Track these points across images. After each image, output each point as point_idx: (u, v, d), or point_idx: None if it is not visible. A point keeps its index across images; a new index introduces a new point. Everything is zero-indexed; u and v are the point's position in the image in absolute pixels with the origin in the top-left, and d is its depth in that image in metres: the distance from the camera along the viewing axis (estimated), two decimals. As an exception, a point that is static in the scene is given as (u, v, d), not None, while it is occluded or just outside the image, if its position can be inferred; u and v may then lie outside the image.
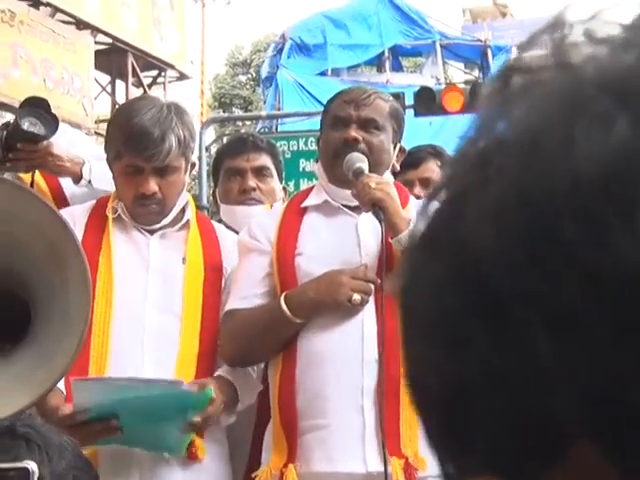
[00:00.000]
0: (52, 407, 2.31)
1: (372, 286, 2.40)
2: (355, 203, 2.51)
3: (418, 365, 0.44)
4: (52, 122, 2.80)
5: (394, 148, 2.64)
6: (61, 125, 2.87)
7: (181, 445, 2.39)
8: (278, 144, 10.34)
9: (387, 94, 2.71)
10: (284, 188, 3.52)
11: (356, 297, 2.37)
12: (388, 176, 2.61)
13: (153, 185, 2.60)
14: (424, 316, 0.44)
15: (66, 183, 2.99)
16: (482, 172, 0.40)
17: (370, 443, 2.32)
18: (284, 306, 2.39)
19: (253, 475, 2.45)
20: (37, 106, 2.80)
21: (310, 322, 2.41)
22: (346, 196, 2.53)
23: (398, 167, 2.69)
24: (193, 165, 2.78)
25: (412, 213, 2.50)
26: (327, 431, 2.35)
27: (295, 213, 2.59)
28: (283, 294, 2.42)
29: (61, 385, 2.35)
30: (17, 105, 3.31)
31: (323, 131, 2.65)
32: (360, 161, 2.48)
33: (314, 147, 8.79)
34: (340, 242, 2.50)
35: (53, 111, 2.84)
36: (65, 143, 2.89)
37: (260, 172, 3.39)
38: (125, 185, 2.64)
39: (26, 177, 2.95)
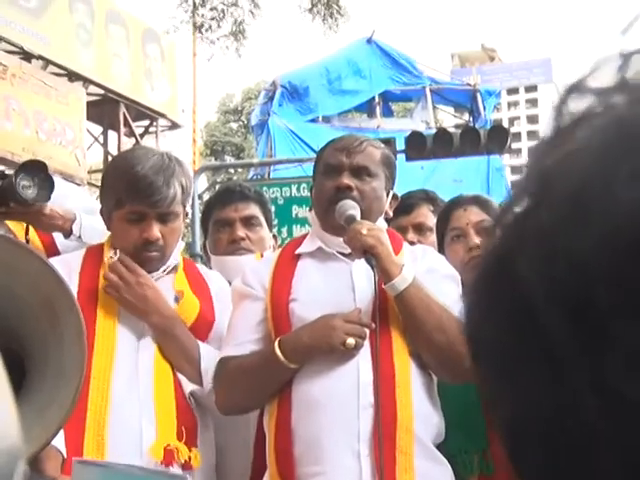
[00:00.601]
0: (49, 477, 2.28)
1: (366, 330, 2.40)
2: (349, 250, 2.51)
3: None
4: (47, 188, 2.84)
5: (387, 195, 2.65)
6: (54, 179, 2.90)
7: None
8: (271, 191, 10.42)
9: (378, 142, 2.72)
10: (274, 236, 3.52)
11: (350, 341, 2.36)
12: (381, 223, 2.62)
13: (157, 231, 2.63)
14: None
15: (58, 235, 3.02)
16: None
17: None
18: (278, 352, 2.38)
19: None
20: (36, 169, 2.84)
21: (305, 368, 2.40)
22: (340, 243, 2.54)
23: (391, 214, 2.70)
24: (186, 214, 2.79)
25: (405, 259, 2.52)
26: (324, 478, 2.32)
27: (289, 259, 2.60)
28: (277, 340, 2.41)
29: (59, 444, 2.33)
30: (9, 157, 3.36)
31: (316, 179, 2.66)
32: (352, 208, 2.49)
33: (307, 193, 8.83)
34: (334, 287, 2.50)
35: (46, 162, 2.89)
36: (58, 196, 2.91)
37: (249, 221, 3.40)
38: (127, 232, 2.65)
39: (19, 231, 2.97)
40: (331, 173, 2.57)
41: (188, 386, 2.59)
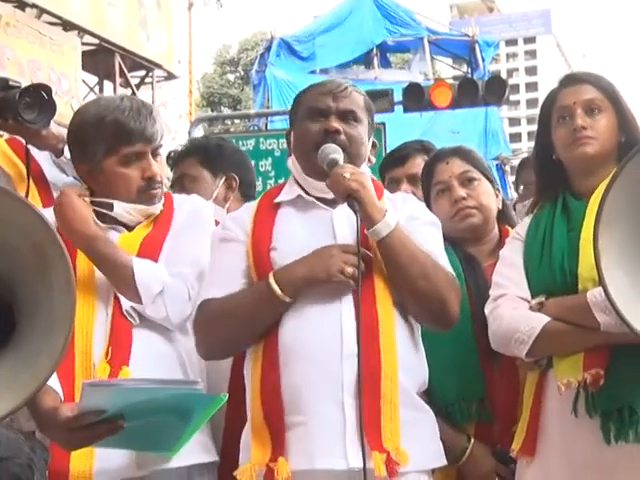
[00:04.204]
0: (49, 409, 2.24)
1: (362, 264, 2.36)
2: (331, 196, 2.49)
3: None
4: (48, 112, 2.89)
5: (369, 141, 2.61)
6: None
7: (177, 447, 2.35)
8: (268, 142, 10.37)
9: (358, 87, 2.67)
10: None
11: (348, 269, 2.33)
12: (365, 169, 2.58)
13: (157, 167, 2.64)
14: None
15: (50, 171, 3.10)
16: None
17: (351, 439, 2.27)
18: (274, 284, 2.35)
19: (234, 473, 2.39)
20: (40, 93, 2.89)
21: (289, 315, 2.37)
22: (323, 188, 2.50)
23: (373, 160, 2.65)
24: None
25: (387, 206, 2.47)
26: (306, 428, 2.30)
27: (269, 208, 2.55)
28: (272, 272, 2.38)
29: (55, 385, 2.31)
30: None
31: (297, 124, 2.61)
32: (335, 152, 2.45)
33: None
34: (315, 236, 2.46)
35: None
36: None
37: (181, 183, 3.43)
38: (127, 176, 2.62)
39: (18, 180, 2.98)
40: (317, 116, 2.52)
41: (126, 303, 2.55)
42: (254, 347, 2.41)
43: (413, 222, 2.50)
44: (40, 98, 2.89)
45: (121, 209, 2.64)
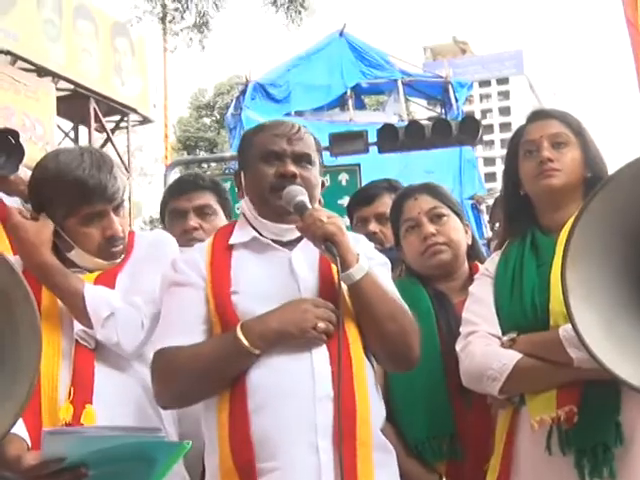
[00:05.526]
0: (12, 457, 2.20)
1: (334, 316, 2.34)
2: (287, 238, 2.47)
3: None
4: (17, 157, 2.90)
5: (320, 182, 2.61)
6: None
7: None
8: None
9: (308, 128, 2.66)
10: None
11: (321, 325, 2.31)
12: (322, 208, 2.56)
13: (118, 224, 2.61)
14: None
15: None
16: None
17: None
18: (242, 337, 2.30)
19: None
20: (8, 136, 2.90)
21: (258, 361, 2.31)
22: (279, 230, 2.48)
23: (322, 200, 2.64)
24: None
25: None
26: (281, 473, 2.24)
27: (223, 250, 2.50)
28: (239, 324, 2.32)
29: (21, 432, 2.27)
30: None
31: (250, 165, 2.57)
32: (301, 194, 2.44)
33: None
34: (276, 278, 2.42)
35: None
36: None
37: (202, 211, 3.37)
38: (88, 235, 2.60)
39: None
40: (272, 160, 2.50)
41: (77, 326, 2.52)
42: (220, 394, 2.35)
43: (369, 263, 2.46)
44: (7, 143, 2.86)
45: (80, 257, 2.62)
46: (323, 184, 2.63)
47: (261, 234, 2.51)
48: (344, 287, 2.36)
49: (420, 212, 2.98)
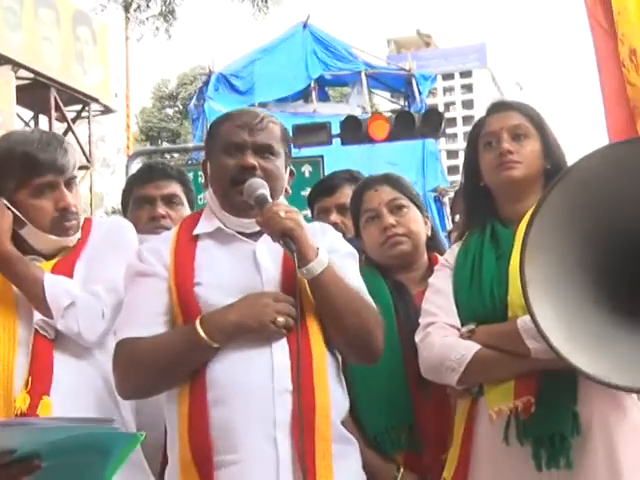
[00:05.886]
0: None
1: (294, 310, 2.33)
2: (250, 230, 2.46)
3: None
4: None
5: (286, 171, 2.59)
6: None
7: None
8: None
9: (274, 116, 2.62)
10: None
11: (280, 319, 2.30)
12: (282, 201, 2.53)
13: (70, 198, 2.59)
14: None
15: None
16: None
17: (285, 476, 2.23)
18: (200, 330, 2.29)
19: None
20: None
21: (217, 352, 2.31)
22: (242, 224, 2.47)
23: (290, 191, 2.63)
24: None
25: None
26: (239, 466, 2.25)
27: (187, 240, 2.49)
28: (199, 317, 2.32)
29: None
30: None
31: (213, 156, 2.56)
32: (262, 187, 2.42)
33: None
34: (239, 269, 2.40)
35: None
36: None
37: (170, 200, 3.35)
38: (40, 207, 2.58)
39: None
40: (233, 151, 2.48)
41: (37, 316, 2.51)
42: (180, 386, 2.34)
43: (334, 254, 2.45)
44: None
45: (32, 235, 2.60)
46: (292, 173, 2.63)
47: (226, 225, 2.50)
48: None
49: (380, 203, 2.98)
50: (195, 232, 2.50)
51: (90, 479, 2.26)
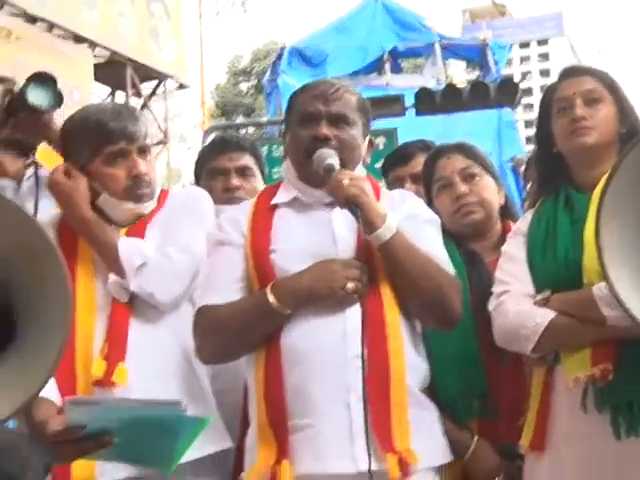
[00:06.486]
0: (39, 421, 2.25)
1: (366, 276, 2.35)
2: (327, 200, 2.47)
3: None
4: (57, 98, 2.89)
5: (364, 142, 2.59)
6: None
7: (171, 464, 2.32)
8: (280, 149, 10.37)
9: (352, 87, 2.63)
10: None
11: (350, 285, 2.32)
12: (360, 171, 2.56)
13: (143, 166, 2.63)
14: None
15: None
16: None
17: (359, 441, 2.26)
18: (271, 297, 2.34)
19: (240, 476, 2.41)
20: (46, 80, 2.89)
21: (292, 318, 2.35)
22: (318, 194, 2.49)
23: (368, 160, 2.63)
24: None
25: (385, 206, 2.46)
26: (314, 430, 2.29)
27: (265, 209, 2.54)
28: (270, 284, 2.36)
29: (51, 394, 2.31)
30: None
31: (290, 127, 2.59)
32: (330, 157, 2.43)
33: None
34: (315, 238, 2.44)
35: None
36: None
37: (243, 172, 3.37)
38: (114, 175, 2.62)
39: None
40: (307, 122, 2.50)
41: (110, 277, 2.55)
42: (257, 351, 2.40)
43: (412, 220, 2.48)
44: (47, 86, 2.90)
45: (108, 203, 2.65)
46: (372, 143, 2.64)
47: (303, 195, 2.53)
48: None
49: (453, 171, 2.96)
50: (273, 202, 2.54)
51: (161, 454, 2.31)
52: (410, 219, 2.48)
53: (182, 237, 2.63)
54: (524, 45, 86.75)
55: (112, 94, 17.99)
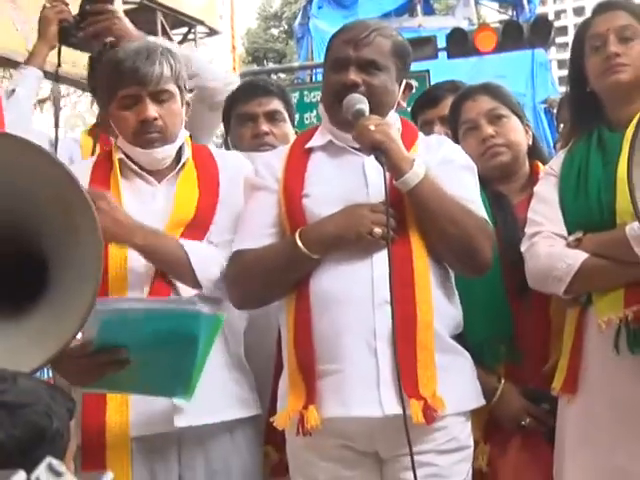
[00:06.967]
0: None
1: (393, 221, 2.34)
2: (358, 145, 2.44)
3: None
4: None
5: (399, 86, 2.55)
6: None
7: (189, 387, 2.31)
8: (312, 94, 10.34)
9: (390, 30, 2.57)
10: (296, 133, 3.41)
11: (377, 230, 2.31)
12: (393, 116, 2.54)
13: (153, 111, 2.58)
14: None
15: None
16: None
17: (385, 386, 2.27)
18: (299, 242, 2.34)
19: (270, 420, 2.43)
20: None
21: (321, 265, 2.35)
22: (349, 139, 2.46)
23: (404, 105, 2.60)
24: (189, 104, 2.72)
25: (420, 150, 2.45)
26: (341, 375, 2.30)
27: (300, 154, 2.52)
28: (298, 230, 2.37)
29: None
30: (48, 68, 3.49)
31: (325, 72, 2.58)
32: (360, 102, 2.41)
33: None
34: (347, 183, 2.43)
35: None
36: None
37: (272, 116, 3.33)
38: (124, 119, 2.60)
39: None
40: (338, 67, 2.48)
41: (188, 292, 2.49)
42: (287, 297, 2.42)
43: (447, 166, 2.45)
44: None
45: (125, 148, 2.64)
46: (410, 87, 2.61)
47: (336, 139, 2.53)
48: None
49: (479, 113, 2.90)
50: (308, 145, 2.54)
51: (179, 376, 2.32)
52: (445, 164, 2.45)
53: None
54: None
55: (142, 41, 17.92)
